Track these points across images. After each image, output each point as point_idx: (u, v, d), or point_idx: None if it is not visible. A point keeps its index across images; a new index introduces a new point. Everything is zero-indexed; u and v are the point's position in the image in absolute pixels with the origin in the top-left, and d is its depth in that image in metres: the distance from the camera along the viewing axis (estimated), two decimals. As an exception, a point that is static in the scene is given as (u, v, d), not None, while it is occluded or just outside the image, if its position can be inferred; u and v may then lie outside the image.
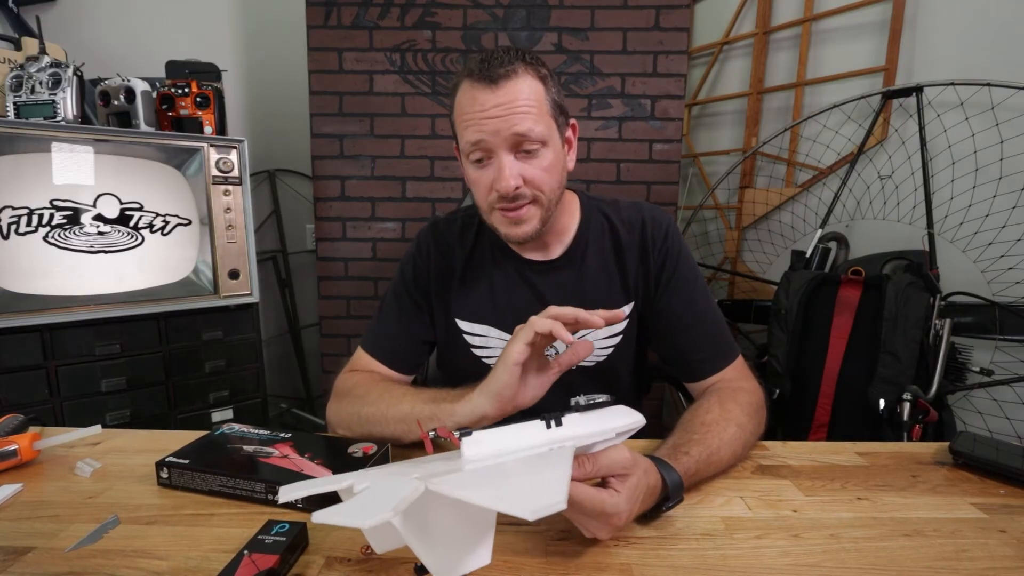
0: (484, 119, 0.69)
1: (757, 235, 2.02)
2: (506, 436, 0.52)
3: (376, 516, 0.38)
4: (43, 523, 0.56)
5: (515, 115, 0.69)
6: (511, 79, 0.69)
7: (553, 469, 0.45)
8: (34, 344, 1.39)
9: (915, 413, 1.23)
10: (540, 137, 0.71)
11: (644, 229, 0.83)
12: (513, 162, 0.71)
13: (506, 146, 0.70)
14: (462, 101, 0.72)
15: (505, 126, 0.69)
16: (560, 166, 0.76)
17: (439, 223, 0.90)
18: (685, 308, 0.81)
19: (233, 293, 1.66)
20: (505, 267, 0.84)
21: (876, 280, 1.42)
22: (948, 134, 1.52)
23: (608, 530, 0.51)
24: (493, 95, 0.69)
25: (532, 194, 0.73)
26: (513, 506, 0.38)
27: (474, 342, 0.85)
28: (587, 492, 0.48)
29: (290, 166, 2.25)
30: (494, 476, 0.46)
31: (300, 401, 2.40)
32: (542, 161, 0.72)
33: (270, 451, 0.67)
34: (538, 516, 0.37)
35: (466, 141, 0.72)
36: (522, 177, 0.71)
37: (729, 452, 0.65)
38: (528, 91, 0.70)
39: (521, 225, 0.75)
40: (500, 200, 0.73)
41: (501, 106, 0.69)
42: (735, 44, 2.05)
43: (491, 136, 0.70)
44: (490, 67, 0.70)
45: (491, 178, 0.72)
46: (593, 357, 0.83)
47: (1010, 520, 0.57)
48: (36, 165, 1.37)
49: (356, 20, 1.74)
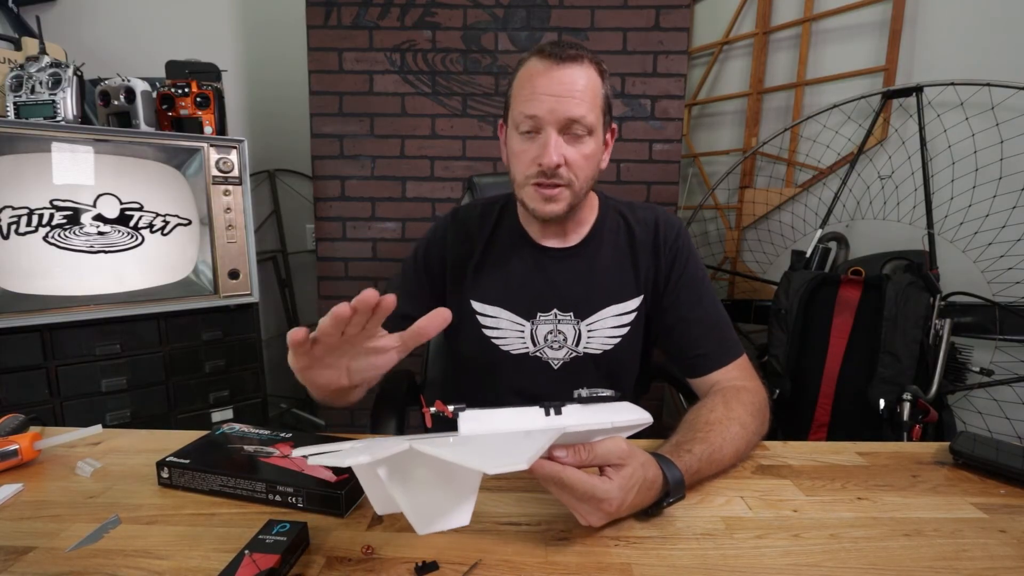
0: (544, 95, 0.73)
1: (757, 235, 2.02)
2: (502, 417, 0.54)
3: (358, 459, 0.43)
4: (44, 523, 0.56)
5: (573, 99, 0.73)
6: (577, 63, 0.74)
7: (530, 441, 0.48)
8: (34, 344, 1.39)
9: (915, 413, 1.23)
10: (589, 125, 0.75)
11: (657, 229, 0.87)
12: (559, 141, 0.74)
13: (557, 126, 0.74)
14: (524, 75, 0.76)
15: (561, 107, 0.73)
16: (597, 159, 0.80)
17: (459, 211, 0.94)
18: (691, 305, 0.84)
19: (233, 293, 1.66)
20: (522, 252, 0.87)
21: (876, 280, 1.42)
22: (948, 134, 1.52)
23: (600, 516, 0.52)
24: (558, 71, 0.73)
25: (568, 178, 0.76)
26: (478, 463, 0.43)
27: (486, 323, 0.87)
28: (578, 475, 0.49)
29: (290, 166, 2.25)
30: (475, 443, 0.49)
31: (300, 401, 2.40)
32: (585, 148, 0.76)
33: (270, 451, 0.67)
34: (497, 471, 0.41)
35: (520, 111, 0.76)
36: (564, 158, 0.75)
37: (732, 451, 0.66)
38: (588, 79, 0.74)
39: (551, 203, 0.78)
40: (539, 175, 0.76)
41: (563, 85, 0.73)
42: (735, 44, 2.05)
43: (547, 113, 0.73)
44: (561, 48, 0.74)
45: (535, 152, 0.75)
46: (600, 346, 0.85)
47: (1010, 520, 0.57)
48: (36, 165, 1.37)
49: (356, 20, 1.74)
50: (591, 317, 0.85)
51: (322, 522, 0.56)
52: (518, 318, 0.85)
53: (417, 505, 0.47)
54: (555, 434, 0.48)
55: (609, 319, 0.85)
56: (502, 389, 0.88)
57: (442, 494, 0.49)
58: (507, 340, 0.86)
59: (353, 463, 0.43)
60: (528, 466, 0.43)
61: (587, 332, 0.85)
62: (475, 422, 0.53)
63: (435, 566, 0.48)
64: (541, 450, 0.45)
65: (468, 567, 0.49)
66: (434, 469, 0.48)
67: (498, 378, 0.88)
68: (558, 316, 0.85)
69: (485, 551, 0.51)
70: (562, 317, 0.85)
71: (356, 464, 0.43)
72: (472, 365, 0.91)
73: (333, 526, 0.55)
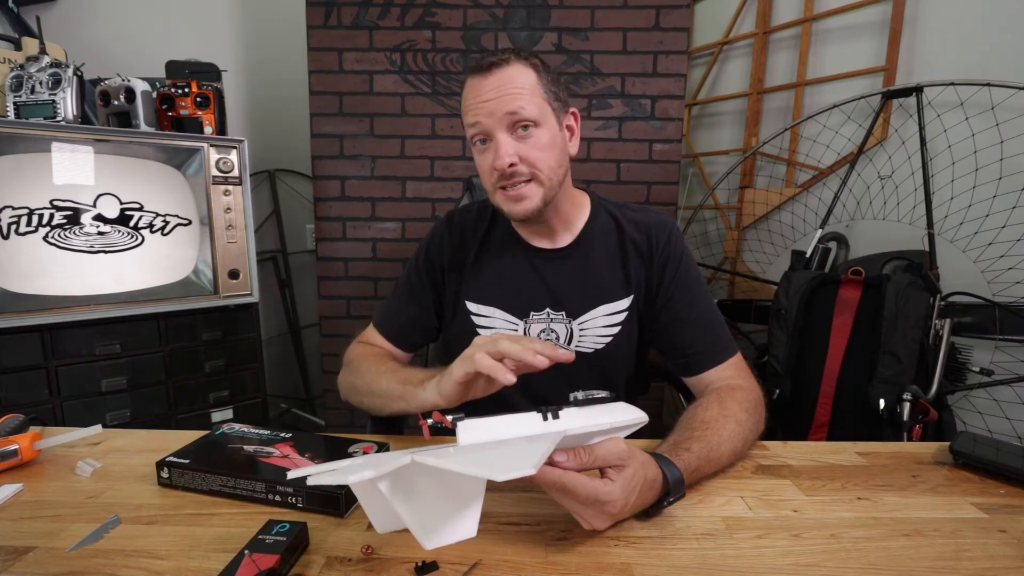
0: (480, 103, 0.76)
1: (757, 235, 2.02)
2: (500, 425, 0.54)
3: (360, 475, 0.42)
4: (44, 523, 0.56)
5: (506, 96, 0.75)
6: (502, 67, 0.76)
7: (533, 446, 0.47)
8: (34, 344, 1.38)
9: (915, 413, 1.23)
10: (532, 117, 0.76)
11: (650, 230, 0.88)
12: (509, 141, 0.76)
13: (501, 126, 0.76)
14: (464, 94, 0.79)
15: (498, 107, 0.75)
16: (558, 148, 0.80)
17: (454, 214, 0.96)
18: (685, 305, 0.85)
19: (233, 293, 1.66)
20: (515, 253, 0.89)
21: (876, 280, 1.42)
22: (948, 134, 1.52)
23: (604, 519, 0.52)
24: (487, 82, 0.76)
25: (530, 172, 0.78)
26: (486, 471, 0.42)
27: (480, 323, 0.88)
28: (581, 480, 0.49)
29: (290, 166, 2.25)
30: (478, 452, 0.49)
31: (300, 401, 2.40)
32: (537, 140, 0.77)
33: (270, 451, 0.67)
34: (506, 478, 0.41)
35: (467, 126, 0.79)
36: (518, 155, 0.76)
37: (729, 448, 0.66)
38: (518, 77, 0.76)
39: (521, 202, 0.79)
40: (500, 179, 0.78)
41: (494, 89, 0.75)
42: (735, 44, 2.05)
43: (486, 118, 0.76)
44: (485, 59, 0.77)
45: (491, 159, 0.78)
46: (592, 344, 0.87)
47: (1010, 520, 0.57)
48: (36, 165, 1.37)
49: (356, 20, 1.74)
50: (582, 316, 0.86)
51: (322, 522, 0.56)
52: (512, 317, 0.87)
53: (422, 519, 0.47)
54: (557, 437, 0.48)
55: (600, 318, 0.86)
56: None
57: (446, 506, 0.48)
58: None
59: (356, 479, 0.42)
60: (536, 471, 0.42)
61: (579, 331, 0.86)
62: (474, 431, 0.53)
63: (435, 566, 0.48)
64: (546, 454, 0.45)
65: (468, 567, 0.49)
66: (437, 481, 0.48)
67: None
68: (551, 315, 0.86)
69: (485, 551, 0.51)
70: (554, 316, 0.86)
71: (358, 480, 0.42)
72: None
73: (333, 526, 0.55)
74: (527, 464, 0.42)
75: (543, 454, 0.44)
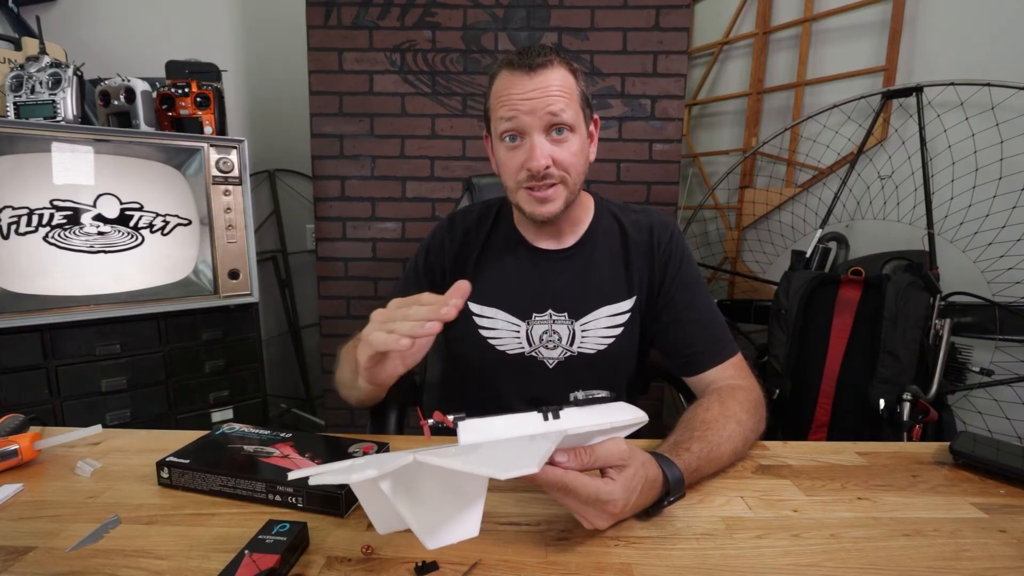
0: (520, 100, 0.75)
1: (757, 235, 2.02)
2: (501, 424, 0.54)
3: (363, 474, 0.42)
4: (44, 523, 0.56)
5: (549, 97, 0.75)
6: (547, 68, 0.76)
7: (535, 445, 0.47)
8: (34, 344, 1.38)
9: (915, 413, 1.23)
10: (570, 121, 0.76)
11: (651, 231, 0.88)
12: (545, 143, 0.76)
13: (540, 127, 0.75)
14: (499, 86, 0.78)
15: (540, 106, 0.74)
16: (585, 154, 0.81)
17: (456, 216, 0.96)
18: (686, 306, 0.85)
19: (233, 293, 1.66)
20: (517, 254, 0.89)
21: (876, 280, 1.42)
22: (948, 134, 1.52)
23: (605, 518, 0.52)
24: (530, 80, 0.75)
25: (560, 175, 0.78)
26: (489, 470, 0.42)
27: (482, 324, 0.88)
28: (582, 479, 0.49)
29: (290, 166, 2.25)
30: (481, 451, 0.49)
31: (300, 401, 2.40)
32: (571, 145, 0.77)
33: (270, 451, 0.67)
34: (509, 476, 0.41)
35: (500, 119, 0.77)
36: (552, 158, 0.76)
37: (730, 448, 0.66)
38: (561, 79, 0.76)
39: (547, 204, 0.79)
40: (529, 179, 0.78)
41: (537, 90, 0.75)
42: (735, 44, 2.05)
43: (526, 116, 0.75)
44: (528, 57, 0.76)
45: (522, 158, 0.77)
46: (595, 345, 0.86)
47: (1010, 520, 0.57)
48: (36, 165, 1.37)
49: (356, 20, 1.74)
50: (585, 317, 0.86)
51: (322, 522, 0.56)
52: (514, 318, 0.87)
53: (424, 519, 0.47)
54: (559, 436, 0.48)
55: (603, 319, 0.86)
56: (499, 389, 0.88)
57: (449, 506, 0.48)
58: (503, 340, 0.87)
59: (358, 478, 0.42)
60: (539, 469, 0.42)
61: (581, 332, 0.86)
62: (475, 431, 0.53)
63: (435, 566, 0.48)
64: (548, 453, 0.45)
65: (468, 567, 0.49)
66: (440, 480, 0.47)
67: (495, 378, 0.88)
68: (553, 316, 0.86)
69: (485, 551, 0.51)
70: (557, 317, 0.86)
71: (359, 480, 0.42)
72: (469, 366, 0.91)
73: (333, 526, 0.55)
74: (530, 462, 0.42)
75: (545, 453, 0.45)
